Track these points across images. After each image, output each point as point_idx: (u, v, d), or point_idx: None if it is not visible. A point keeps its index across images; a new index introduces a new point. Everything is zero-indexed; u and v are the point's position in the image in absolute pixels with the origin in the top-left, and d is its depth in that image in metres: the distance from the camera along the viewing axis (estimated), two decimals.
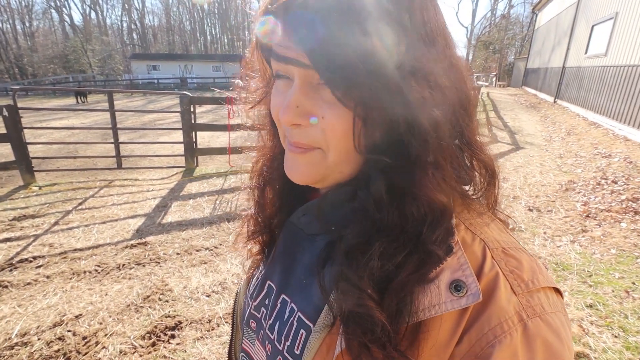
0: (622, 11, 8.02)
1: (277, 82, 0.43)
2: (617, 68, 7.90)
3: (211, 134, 8.86)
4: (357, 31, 0.33)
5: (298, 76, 0.38)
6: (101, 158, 6.31)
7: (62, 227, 3.84)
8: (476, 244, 0.39)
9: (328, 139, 0.39)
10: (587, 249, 3.21)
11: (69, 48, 46.37)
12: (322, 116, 0.38)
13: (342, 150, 0.39)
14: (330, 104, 0.38)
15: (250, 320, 0.56)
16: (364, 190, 0.40)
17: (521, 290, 0.36)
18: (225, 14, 66.31)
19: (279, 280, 0.52)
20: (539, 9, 18.63)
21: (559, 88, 12.75)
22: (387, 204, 0.38)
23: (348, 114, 0.37)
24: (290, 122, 0.39)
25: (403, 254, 0.37)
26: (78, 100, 20.56)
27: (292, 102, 0.39)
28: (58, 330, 2.29)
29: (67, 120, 12.76)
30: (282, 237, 0.55)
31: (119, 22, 66.12)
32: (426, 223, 0.38)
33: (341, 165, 0.41)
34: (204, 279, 2.89)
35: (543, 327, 0.34)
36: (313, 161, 0.41)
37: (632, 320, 2.26)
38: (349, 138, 0.38)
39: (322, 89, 0.38)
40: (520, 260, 0.39)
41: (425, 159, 0.37)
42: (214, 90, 28.99)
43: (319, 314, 0.43)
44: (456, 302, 0.35)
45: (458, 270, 0.37)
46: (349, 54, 0.33)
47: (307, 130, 0.40)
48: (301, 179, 0.43)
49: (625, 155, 5.60)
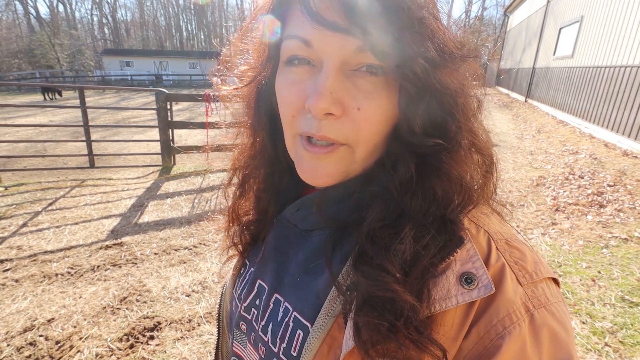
0: (587, 15, 8.42)
1: (291, 71, 0.39)
2: (583, 69, 8.29)
3: (188, 131, 8.68)
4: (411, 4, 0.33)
5: (332, 56, 0.34)
6: (72, 157, 6.06)
7: (31, 228, 3.66)
8: (481, 235, 0.39)
9: (361, 133, 0.36)
10: (557, 240, 3.36)
11: (35, 42, 44.04)
12: (358, 107, 0.35)
13: (371, 144, 0.38)
14: (366, 94, 0.35)
15: (240, 322, 0.53)
16: (389, 171, 0.39)
17: (526, 281, 0.36)
18: (202, 9, 64.92)
19: (270, 279, 0.49)
20: (510, 11, 19.29)
21: (529, 88, 13.25)
22: (415, 185, 0.37)
23: (387, 103, 0.35)
24: (324, 110, 0.35)
25: (430, 235, 0.36)
26: (46, 97, 19.62)
27: (327, 88, 0.34)
28: (29, 335, 2.19)
29: (35, 117, 12.16)
30: (273, 234, 0.52)
31: (89, 16, 63.65)
32: (451, 204, 0.37)
33: (366, 161, 0.40)
34: (183, 279, 2.83)
35: (549, 317, 0.34)
36: (339, 160, 0.38)
37: (598, 307, 2.39)
38: (383, 130, 0.37)
39: (357, 76, 0.35)
40: (523, 252, 0.38)
41: (462, 140, 0.37)
42: (191, 88, 28.39)
43: (317, 313, 0.41)
44: (467, 294, 0.34)
45: (468, 262, 0.36)
46: (404, 27, 0.32)
47: (337, 123, 0.36)
48: (324, 181, 0.40)
49: (591, 151, 5.89)
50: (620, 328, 2.18)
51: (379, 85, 0.35)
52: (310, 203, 0.45)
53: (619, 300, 2.43)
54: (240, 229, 0.56)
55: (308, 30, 0.35)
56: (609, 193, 4.20)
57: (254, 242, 0.57)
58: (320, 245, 0.44)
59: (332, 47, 0.34)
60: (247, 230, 0.56)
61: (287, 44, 0.38)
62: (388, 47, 0.33)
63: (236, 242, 0.57)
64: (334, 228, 0.43)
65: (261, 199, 0.53)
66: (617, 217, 3.67)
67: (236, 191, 0.56)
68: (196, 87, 28.15)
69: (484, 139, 0.41)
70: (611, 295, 2.49)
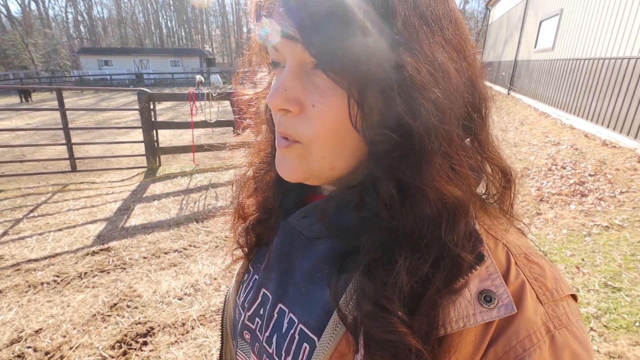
0: (566, 8, 8.59)
1: (275, 72, 0.41)
2: (563, 61, 8.47)
3: (173, 132, 8.53)
4: (351, 4, 0.31)
5: (290, 58, 0.36)
6: (52, 161, 5.89)
7: (13, 237, 3.55)
8: (499, 249, 0.37)
9: (314, 130, 0.36)
10: (542, 230, 3.45)
11: (7, 42, 42.35)
12: (312, 104, 0.36)
13: (329, 143, 0.36)
14: (321, 91, 0.35)
15: (243, 331, 0.51)
16: (372, 194, 0.37)
17: (547, 300, 0.34)
18: (182, 5, 63.60)
19: (274, 288, 0.48)
20: (492, 4, 19.53)
21: (511, 80, 13.48)
22: (399, 206, 0.35)
23: (340, 101, 0.34)
24: (277, 105, 0.36)
25: (429, 264, 0.34)
26: (22, 99, 18.96)
27: (281, 85, 0.36)
28: (16, 348, 2.13)
29: (10, 121, 11.74)
30: (278, 241, 0.50)
31: (63, 14, 61.69)
32: (442, 222, 0.34)
33: (331, 161, 0.38)
34: (174, 282, 2.80)
35: (570, 338, 0.33)
36: (297, 157, 0.39)
37: (583, 294, 2.47)
38: (338, 130, 0.35)
39: (315, 74, 0.36)
40: (543, 267, 0.37)
41: (430, 145, 0.33)
42: (174, 86, 27.86)
43: (324, 326, 0.40)
44: (486, 314, 0.33)
45: (487, 279, 0.34)
46: (341, 29, 0.31)
47: (295, 120, 0.37)
48: (289, 175, 0.40)
49: (572, 142, 6.06)
50: (604, 313, 2.26)
51: (333, 84, 0.34)
52: (315, 210, 0.45)
53: (602, 286, 2.52)
54: (246, 228, 0.55)
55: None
56: (590, 182, 4.33)
57: (258, 245, 0.56)
58: (326, 255, 0.43)
59: (289, 50, 0.36)
60: (253, 230, 0.55)
61: (268, 49, 0.41)
62: (331, 54, 0.32)
63: (242, 243, 0.56)
64: (337, 239, 0.43)
65: (268, 198, 0.53)
66: (598, 205, 3.79)
67: (245, 192, 0.55)
68: (178, 86, 27.66)
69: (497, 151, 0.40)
70: (595, 281, 2.58)
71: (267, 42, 0.38)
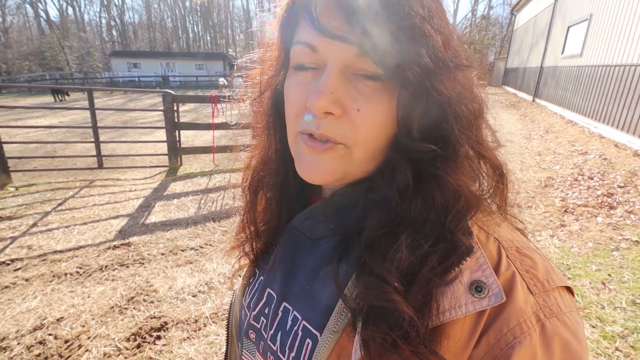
0: (596, 13, 8.31)
1: (298, 74, 0.40)
2: (592, 68, 8.18)
3: (194, 132, 8.73)
4: (408, 12, 0.33)
5: (334, 60, 0.36)
6: (81, 157, 6.14)
7: (41, 228, 3.71)
8: (490, 243, 0.39)
9: (359, 134, 0.37)
10: (566, 242, 3.32)
11: (45, 44, 44.66)
12: (358, 109, 0.36)
13: (370, 147, 0.38)
14: (366, 97, 0.36)
15: (249, 330, 0.53)
16: (386, 180, 0.39)
17: (537, 290, 0.35)
18: (208, 11, 65.32)
19: (279, 288, 0.49)
20: (517, 10, 19.10)
21: (537, 87, 13.11)
22: (412, 192, 0.38)
23: (385, 107, 0.36)
24: (324, 108, 0.36)
25: (429, 244, 0.36)
26: (55, 98, 19.91)
27: (328, 87, 0.36)
28: (39, 334, 2.22)
29: (45, 119, 12.31)
30: (282, 242, 0.52)
31: (97, 19, 64.48)
32: (450, 212, 0.37)
33: (366, 164, 0.40)
34: (189, 279, 2.85)
35: (561, 327, 0.34)
36: (337, 158, 0.39)
37: (609, 311, 2.35)
38: (380, 135, 0.37)
39: (359, 80, 0.36)
40: (534, 260, 0.38)
41: (460, 148, 0.37)
42: (197, 89, 28.55)
43: (326, 322, 0.41)
44: (477, 303, 0.34)
45: (477, 270, 0.36)
46: (399, 35, 0.33)
47: (337, 123, 0.37)
48: (322, 178, 0.40)
49: (600, 152, 5.81)
50: (631, 332, 2.15)
51: (378, 90, 0.36)
52: (318, 211, 0.46)
53: (630, 304, 2.39)
54: (253, 235, 0.56)
55: (313, 36, 0.37)
56: (620, 194, 4.14)
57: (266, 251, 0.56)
58: (329, 253, 0.44)
59: (334, 52, 0.36)
60: (259, 238, 0.55)
61: (296, 50, 0.40)
62: (384, 53, 0.34)
63: (247, 250, 0.56)
64: (340, 237, 0.43)
65: (275, 204, 0.53)
66: (627, 219, 3.62)
67: (248, 196, 0.55)
68: (202, 89, 28.32)
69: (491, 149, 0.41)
70: (622, 298, 2.45)
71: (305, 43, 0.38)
